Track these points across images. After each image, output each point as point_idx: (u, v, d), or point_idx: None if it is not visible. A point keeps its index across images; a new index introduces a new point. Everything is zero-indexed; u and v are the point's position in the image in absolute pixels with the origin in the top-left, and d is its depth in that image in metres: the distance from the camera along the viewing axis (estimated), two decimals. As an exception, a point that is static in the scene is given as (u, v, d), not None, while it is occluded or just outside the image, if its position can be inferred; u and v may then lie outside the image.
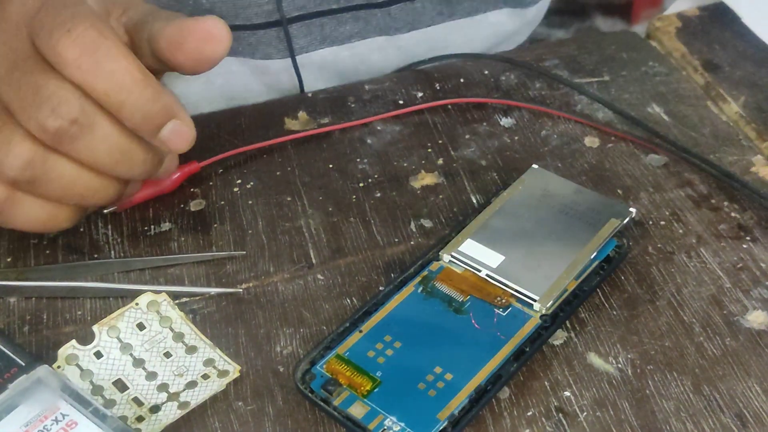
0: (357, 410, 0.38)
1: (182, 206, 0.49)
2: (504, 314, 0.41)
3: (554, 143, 0.52)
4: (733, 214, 0.48)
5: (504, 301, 0.42)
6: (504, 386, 0.39)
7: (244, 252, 0.47)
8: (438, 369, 0.39)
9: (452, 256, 0.44)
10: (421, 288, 0.43)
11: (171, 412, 0.39)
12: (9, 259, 0.47)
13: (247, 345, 0.42)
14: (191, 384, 0.40)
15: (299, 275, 0.45)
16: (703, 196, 0.49)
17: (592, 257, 0.43)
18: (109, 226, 0.48)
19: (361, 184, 0.50)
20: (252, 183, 0.51)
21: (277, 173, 0.51)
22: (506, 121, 0.54)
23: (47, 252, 0.47)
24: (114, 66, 0.38)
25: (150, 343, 0.41)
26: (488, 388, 0.39)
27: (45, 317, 0.44)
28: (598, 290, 0.44)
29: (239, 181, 0.51)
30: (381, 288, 0.43)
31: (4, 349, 0.39)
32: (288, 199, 0.50)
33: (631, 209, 0.45)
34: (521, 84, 0.57)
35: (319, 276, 0.45)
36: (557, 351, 0.41)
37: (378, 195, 0.50)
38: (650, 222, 0.47)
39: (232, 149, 0.52)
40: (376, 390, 0.38)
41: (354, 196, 0.50)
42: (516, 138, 0.53)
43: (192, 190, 0.50)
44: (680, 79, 0.57)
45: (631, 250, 0.46)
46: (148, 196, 0.49)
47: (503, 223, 0.45)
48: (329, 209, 0.49)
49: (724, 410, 0.39)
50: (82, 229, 0.48)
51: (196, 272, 0.46)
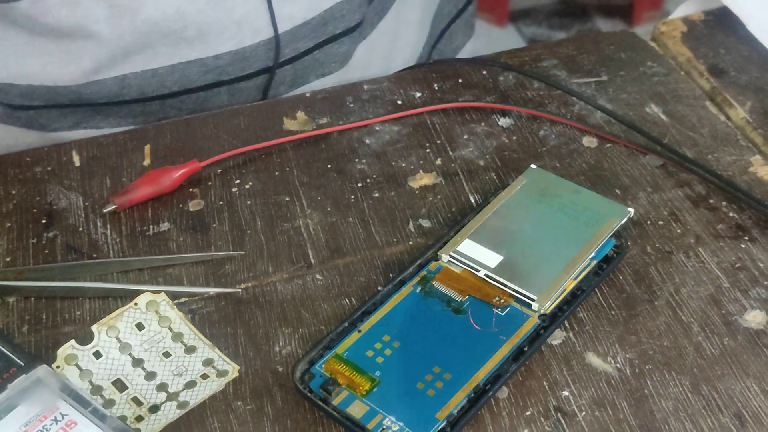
0: (356, 410, 0.38)
1: (181, 206, 0.49)
2: (502, 314, 0.41)
3: (552, 143, 0.52)
4: (732, 214, 0.48)
5: (502, 301, 0.42)
6: (503, 386, 0.39)
7: (243, 252, 0.47)
8: (437, 369, 0.39)
9: (451, 256, 0.44)
10: (420, 288, 0.43)
11: (170, 412, 0.39)
12: (8, 259, 0.47)
13: (246, 345, 0.42)
14: (190, 384, 0.40)
15: (298, 275, 0.45)
16: (702, 196, 0.49)
17: (591, 257, 0.43)
18: (108, 226, 0.48)
19: (360, 185, 0.50)
20: (251, 183, 0.51)
21: (276, 173, 0.51)
22: (504, 121, 0.54)
23: (46, 252, 0.47)
24: None
25: (149, 343, 0.41)
26: (487, 388, 0.39)
27: (44, 317, 0.44)
28: (597, 290, 0.44)
29: (238, 182, 0.51)
30: (380, 288, 0.43)
31: (3, 349, 0.39)
32: (286, 200, 0.50)
33: (630, 209, 0.45)
34: (519, 84, 0.57)
35: (318, 276, 0.45)
36: (556, 351, 0.41)
37: (376, 195, 0.50)
38: (648, 222, 0.47)
39: (232, 149, 0.52)
40: (375, 390, 0.38)
41: (352, 197, 0.50)
42: (514, 138, 0.53)
43: (191, 191, 0.50)
44: (678, 80, 0.57)
45: (630, 250, 0.46)
46: (148, 196, 0.49)
47: (502, 223, 0.45)
48: (328, 209, 0.49)
49: (723, 410, 0.39)
50: (82, 229, 0.48)
51: (195, 272, 0.46)
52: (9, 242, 0.47)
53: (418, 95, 0.56)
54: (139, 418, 0.39)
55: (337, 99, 0.56)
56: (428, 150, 0.52)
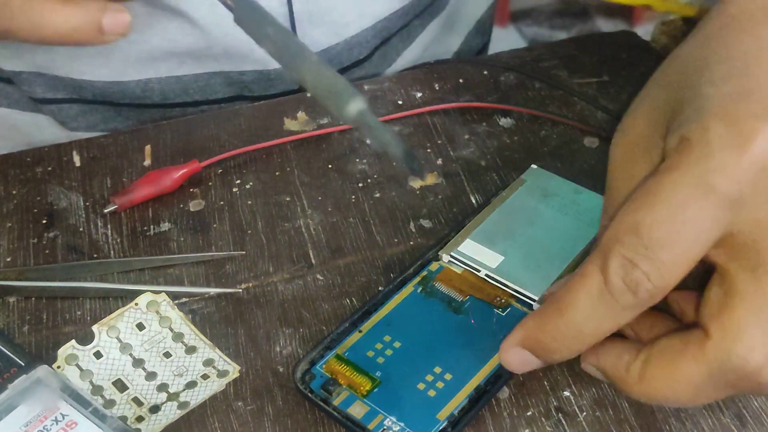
0: (357, 410, 0.38)
1: (182, 206, 0.49)
2: (503, 314, 0.41)
3: (554, 143, 0.52)
4: (733, 215, 0.47)
5: (503, 301, 0.42)
6: (503, 386, 0.39)
7: (244, 252, 0.47)
8: (437, 369, 0.39)
9: (452, 257, 0.44)
10: (421, 288, 0.43)
11: (171, 412, 0.39)
12: (9, 259, 0.47)
13: (247, 345, 0.42)
14: (191, 384, 0.40)
15: (299, 275, 0.45)
16: (703, 197, 0.49)
17: (592, 257, 0.43)
18: (109, 226, 0.48)
19: (361, 184, 0.50)
20: (251, 183, 0.51)
21: (277, 173, 0.51)
22: (505, 122, 0.54)
23: (47, 252, 0.47)
24: None
25: (149, 343, 0.41)
26: (488, 388, 0.39)
27: (45, 317, 0.44)
28: (598, 290, 0.44)
29: (238, 182, 0.51)
30: (380, 288, 0.43)
31: (4, 349, 0.39)
32: (287, 200, 0.50)
33: (631, 209, 0.45)
34: (520, 84, 0.57)
35: (319, 276, 0.45)
36: (557, 351, 0.41)
37: (377, 195, 0.50)
38: (650, 222, 0.47)
39: (232, 149, 0.52)
40: (376, 390, 0.38)
41: (353, 197, 0.50)
42: (515, 138, 0.53)
43: (191, 191, 0.50)
44: (679, 80, 0.57)
45: (631, 250, 0.45)
46: (148, 196, 0.49)
47: (503, 224, 0.45)
48: (328, 209, 0.49)
49: (724, 410, 0.39)
50: (82, 229, 0.48)
51: (196, 272, 0.46)
52: (9, 242, 0.47)
53: (419, 95, 0.56)
54: (140, 419, 0.39)
55: (338, 99, 0.56)
56: (429, 150, 0.52)
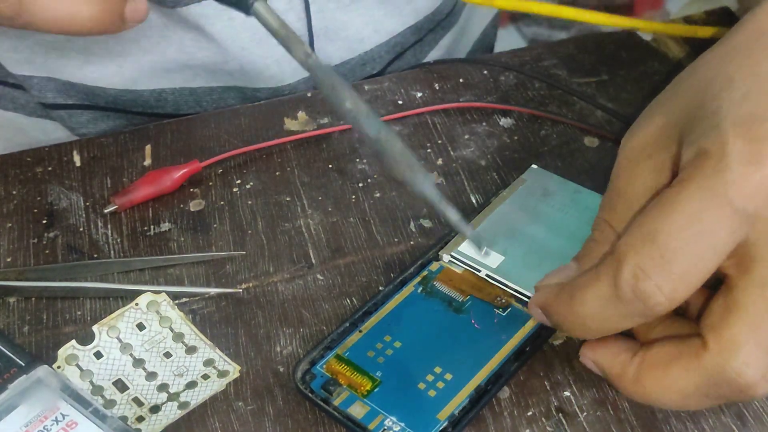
0: (357, 410, 0.38)
1: (182, 206, 0.49)
2: (504, 314, 0.41)
3: (554, 143, 0.52)
4: (733, 214, 0.47)
5: (504, 301, 0.42)
6: (504, 386, 0.39)
7: (244, 252, 0.47)
8: (438, 369, 0.39)
9: (452, 256, 0.44)
10: (421, 288, 0.43)
11: (171, 412, 0.39)
12: (9, 260, 0.47)
13: (247, 345, 0.42)
14: (191, 384, 0.40)
15: (299, 275, 0.45)
16: (703, 196, 0.49)
17: (592, 257, 0.43)
18: (109, 226, 0.48)
19: (361, 184, 0.50)
20: (251, 183, 0.51)
21: (277, 173, 0.51)
22: (505, 121, 0.54)
23: (47, 252, 0.47)
24: None
25: (150, 344, 0.41)
26: (488, 388, 0.39)
27: (45, 317, 0.44)
28: (598, 290, 0.44)
29: (239, 182, 0.51)
30: (381, 288, 0.43)
31: (4, 350, 0.39)
32: (287, 200, 0.50)
33: (631, 209, 0.45)
34: (520, 84, 0.57)
35: (319, 276, 0.45)
36: (557, 351, 0.41)
37: (377, 195, 0.50)
38: (650, 222, 0.47)
39: (232, 149, 0.52)
40: (376, 390, 0.38)
41: (353, 196, 0.50)
42: (515, 138, 0.53)
43: (191, 191, 0.50)
44: (679, 79, 0.57)
45: (631, 250, 0.45)
46: (149, 197, 0.49)
47: (503, 224, 0.45)
48: (329, 209, 0.49)
49: (724, 410, 0.39)
50: (82, 229, 0.48)
51: (196, 272, 0.46)
52: (10, 242, 0.47)
53: (419, 95, 0.56)
54: (140, 419, 0.39)
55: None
56: (429, 150, 0.52)
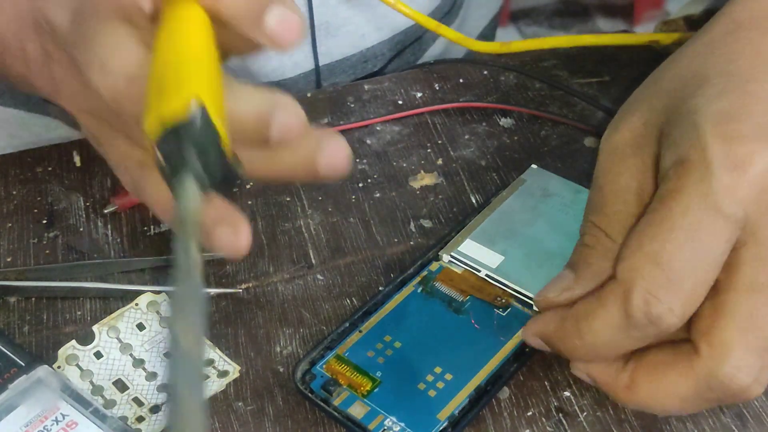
0: (357, 410, 0.38)
1: (182, 206, 0.49)
2: (504, 314, 0.41)
3: (554, 143, 0.52)
4: (733, 214, 0.47)
5: (504, 301, 0.42)
6: (504, 386, 0.39)
7: (244, 252, 0.47)
8: (438, 369, 0.39)
9: (452, 257, 0.44)
10: (421, 288, 0.43)
11: (171, 413, 0.39)
12: (9, 259, 0.47)
13: (247, 345, 0.42)
14: (191, 384, 0.40)
15: (299, 275, 0.45)
16: (703, 196, 0.49)
17: (592, 257, 0.43)
18: (109, 226, 0.48)
19: (361, 185, 0.50)
20: (251, 183, 0.51)
21: (277, 173, 0.51)
22: (505, 122, 0.54)
23: (47, 252, 0.47)
24: None
25: (150, 344, 0.41)
26: (488, 388, 0.39)
27: (45, 317, 0.44)
28: (598, 290, 0.44)
29: (238, 182, 0.51)
30: (381, 288, 0.43)
31: (4, 350, 0.39)
32: (287, 200, 0.50)
33: (631, 209, 0.45)
34: (521, 84, 0.57)
35: (319, 276, 0.45)
36: (557, 351, 0.41)
37: (377, 195, 0.50)
38: (650, 222, 0.47)
39: (232, 149, 0.52)
40: (376, 390, 0.38)
41: (353, 197, 0.50)
42: (515, 138, 0.53)
43: (192, 191, 0.50)
44: (680, 80, 0.57)
45: (631, 250, 0.45)
46: (148, 197, 0.49)
47: (503, 224, 0.45)
48: (329, 209, 0.49)
49: (725, 410, 0.39)
50: (82, 229, 0.48)
51: (196, 272, 0.46)
52: (10, 242, 0.47)
53: (419, 95, 0.56)
54: (140, 419, 0.39)
55: (338, 99, 0.56)
56: (429, 150, 0.52)
